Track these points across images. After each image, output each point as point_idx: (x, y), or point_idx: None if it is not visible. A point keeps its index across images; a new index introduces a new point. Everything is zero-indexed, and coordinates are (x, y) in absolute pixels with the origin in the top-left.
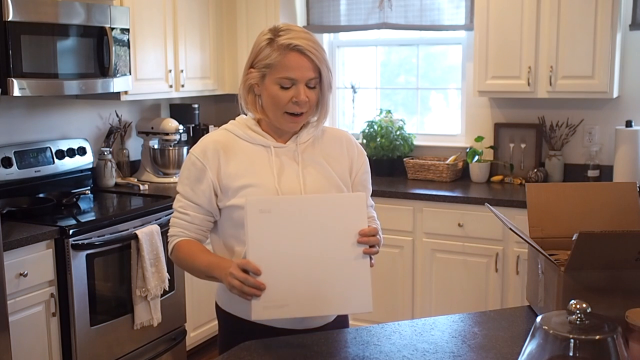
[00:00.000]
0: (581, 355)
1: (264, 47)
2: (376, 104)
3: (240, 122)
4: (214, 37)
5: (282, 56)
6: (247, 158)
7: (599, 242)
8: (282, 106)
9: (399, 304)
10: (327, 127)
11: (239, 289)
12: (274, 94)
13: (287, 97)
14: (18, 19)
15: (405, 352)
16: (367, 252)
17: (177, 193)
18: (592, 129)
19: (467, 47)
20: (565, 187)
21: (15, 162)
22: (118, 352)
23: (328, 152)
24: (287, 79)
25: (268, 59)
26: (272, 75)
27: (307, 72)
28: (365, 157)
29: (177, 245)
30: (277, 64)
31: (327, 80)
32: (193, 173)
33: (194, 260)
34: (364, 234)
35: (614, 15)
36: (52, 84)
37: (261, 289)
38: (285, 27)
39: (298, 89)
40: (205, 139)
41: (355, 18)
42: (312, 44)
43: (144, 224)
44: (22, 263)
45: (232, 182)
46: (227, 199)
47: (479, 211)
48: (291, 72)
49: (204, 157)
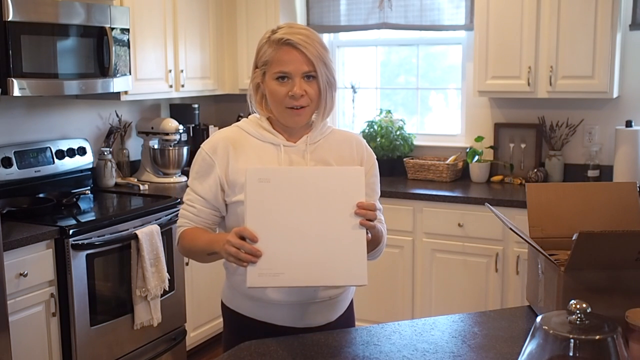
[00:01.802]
0: (581, 355)
1: (263, 44)
2: (376, 104)
3: (253, 120)
4: (214, 37)
5: (276, 51)
6: (256, 155)
7: (599, 242)
8: (281, 101)
9: (399, 304)
10: (338, 129)
11: (235, 255)
12: (272, 89)
13: (284, 92)
14: (18, 19)
15: (405, 352)
16: (364, 224)
17: (188, 186)
18: (592, 129)
19: (467, 47)
20: (565, 187)
21: (15, 162)
22: (118, 352)
23: (338, 153)
24: (281, 72)
25: (265, 55)
26: (269, 71)
27: (300, 66)
28: (374, 160)
29: (182, 234)
30: (272, 60)
31: (324, 77)
32: (202, 168)
33: (196, 242)
34: (361, 207)
35: (614, 15)
36: (52, 84)
37: (257, 255)
38: (285, 25)
39: (294, 82)
40: (217, 134)
41: (355, 18)
42: (305, 38)
43: (144, 224)
44: (22, 263)
45: (239, 178)
46: (234, 194)
47: (479, 211)
48: (284, 65)
49: (214, 153)
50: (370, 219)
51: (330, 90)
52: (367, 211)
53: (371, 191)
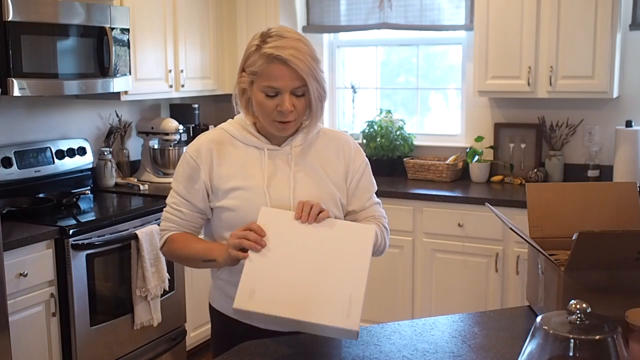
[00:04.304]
0: (581, 355)
1: (252, 52)
2: (376, 104)
3: (237, 122)
4: (214, 37)
5: (266, 65)
6: (240, 159)
7: (599, 241)
8: (269, 114)
9: (399, 304)
10: (326, 129)
11: (238, 243)
12: (260, 101)
13: (272, 106)
14: (18, 19)
15: (405, 352)
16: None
17: (171, 189)
18: (592, 129)
19: (467, 47)
20: (566, 187)
21: (15, 162)
22: (118, 352)
23: (323, 156)
24: (271, 87)
25: (254, 66)
26: (258, 82)
27: (290, 82)
28: (362, 158)
29: (171, 238)
30: (262, 73)
31: (316, 92)
32: (187, 171)
33: (189, 249)
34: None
35: (614, 15)
36: (52, 84)
37: (262, 244)
38: (275, 34)
39: (283, 98)
40: (200, 137)
41: (355, 18)
42: (296, 53)
43: (144, 224)
44: (22, 263)
45: (222, 184)
46: (217, 199)
47: (479, 211)
48: (274, 81)
49: (198, 156)
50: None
51: (320, 102)
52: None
53: (364, 190)
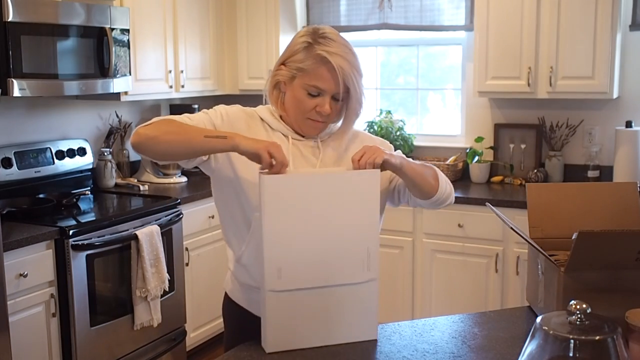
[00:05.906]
0: (581, 355)
1: (300, 49)
2: (376, 104)
3: (267, 108)
4: (214, 38)
5: (317, 66)
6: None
7: (599, 241)
8: (306, 112)
9: (399, 304)
10: (361, 132)
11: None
12: (299, 98)
13: (311, 105)
14: (18, 19)
15: (405, 353)
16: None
17: (203, 111)
18: (592, 129)
19: (467, 47)
20: (566, 187)
21: (15, 163)
22: (118, 352)
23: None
24: (316, 88)
25: (302, 63)
26: (302, 79)
27: (335, 87)
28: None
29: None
30: (309, 71)
31: (357, 100)
32: (238, 114)
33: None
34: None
35: (614, 16)
36: (52, 84)
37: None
38: (327, 36)
39: (324, 99)
40: (236, 105)
41: (355, 18)
42: (347, 65)
43: (144, 225)
44: (22, 263)
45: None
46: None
47: (479, 212)
48: (321, 82)
49: (246, 117)
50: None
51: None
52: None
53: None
